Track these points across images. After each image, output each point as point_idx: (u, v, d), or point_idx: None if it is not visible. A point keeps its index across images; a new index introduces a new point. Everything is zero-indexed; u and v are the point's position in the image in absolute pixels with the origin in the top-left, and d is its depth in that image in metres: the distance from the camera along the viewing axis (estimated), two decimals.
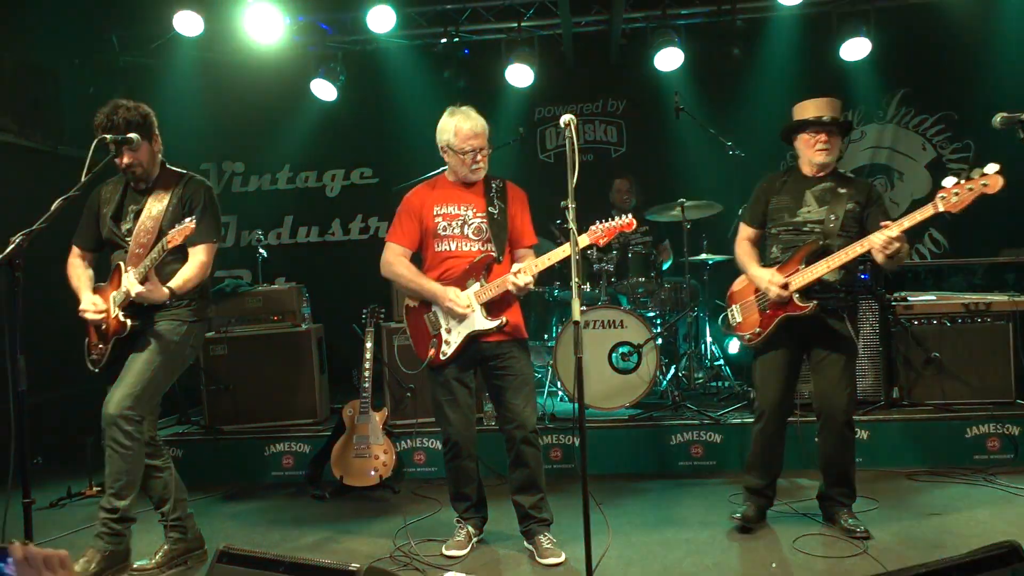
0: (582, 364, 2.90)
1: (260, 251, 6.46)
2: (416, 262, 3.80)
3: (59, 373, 5.23)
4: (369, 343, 4.92)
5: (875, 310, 5.21)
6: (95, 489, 5.02)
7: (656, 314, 5.92)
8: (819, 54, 6.91)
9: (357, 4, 6.78)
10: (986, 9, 6.82)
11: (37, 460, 5.62)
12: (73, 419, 5.46)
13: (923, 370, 5.12)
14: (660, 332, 5.63)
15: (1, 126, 6.07)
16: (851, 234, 3.68)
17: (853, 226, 3.72)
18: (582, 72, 7.75)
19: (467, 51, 7.22)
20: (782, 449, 3.96)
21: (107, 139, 3.39)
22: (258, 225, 7.76)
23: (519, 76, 6.95)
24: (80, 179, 3.21)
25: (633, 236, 6.33)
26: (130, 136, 3.44)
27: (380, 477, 4.75)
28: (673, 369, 5.94)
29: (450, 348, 3.65)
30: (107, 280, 3.66)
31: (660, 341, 5.54)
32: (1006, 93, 6.57)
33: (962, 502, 4.19)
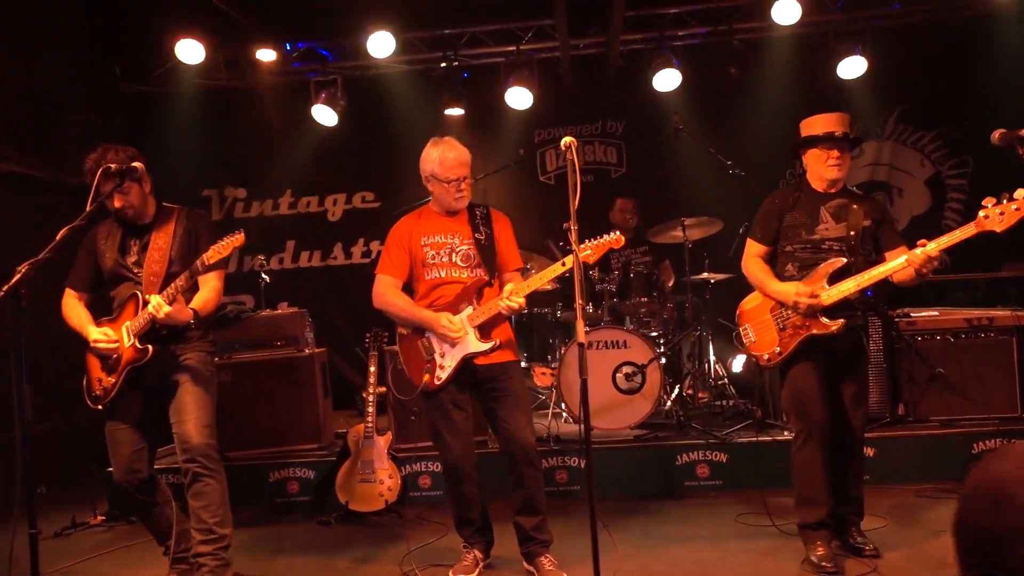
0: (586, 385, 2.90)
1: (263, 276, 6.47)
2: (407, 292, 3.82)
3: (61, 401, 5.21)
4: (373, 367, 4.91)
5: (878, 327, 5.19)
6: (99, 518, 5.01)
7: (659, 334, 5.92)
8: (816, 72, 6.95)
9: (357, 30, 6.84)
10: (982, 26, 6.85)
11: (41, 489, 5.58)
12: (76, 447, 5.43)
13: (927, 386, 5.11)
14: (663, 352, 5.62)
15: (3, 155, 6.09)
16: (868, 251, 3.65)
17: (869, 243, 3.66)
18: (581, 94, 7.77)
19: (466, 75, 7.27)
20: (830, 470, 3.64)
21: (111, 168, 3.40)
22: (260, 250, 7.77)
23: (518, 99, 6.98)
24: (84, 208, 3.22)
25: (634, 256, 6.35)
26: (134, 165, 3.47)
27: (386, 502, 4.73)
28: (677, 389, 5.92)
29: (445, 373, 3.65)
30: (113, 314, 3.65)
31: (664, 360, 5.52)
32: (1003, 109, 6.59)
33: None
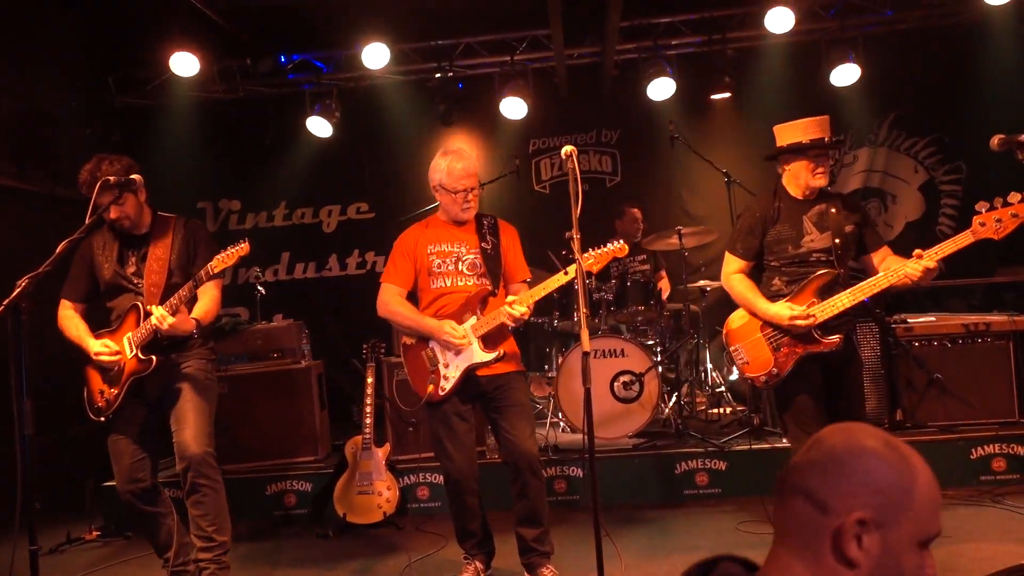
0: (590, 394, 2.89)
1: (258, 288, 6.45)
2: (411, 301, 3.81)
3: (57, 416, 5.18)
4: (370, 378, 4.90)
5: (875, 332, 5.20)
6: (95, 533, 4.96)
7: (656, 342, 5.92)
8: (810, 80, 6.98)
9: (351, 41, 6.85)
10: (974, 32, 6.91)
11: (37, 504, 5.54)
12: (70, 462, 5.40)
13: (925, 391, 5.11)
14: (661, 360, 5.62)
15: None
16: (853, 255, 3.63)
17: (853, 248, 3.61)
18: (576, 103, 7.80)
19: (461, 85, 7.29)
20: None
21: (110, 181, 3.40)
22: (256, 262, 7.74)
23: (513, 109, 6.98)
24: (79, 221, 3.22)
25: (632, 264, 6.36)
26: (133, 177, 3.47)
27: (384, 514, 4.71)
28: (675, 397, 5.92)
29: (449, 383, 3.63)
30: (112, 325, 3.63)
31: (661, 369, 5.52)
32: (996, 114, 6.65)
33: (971, 524, 4.17)
